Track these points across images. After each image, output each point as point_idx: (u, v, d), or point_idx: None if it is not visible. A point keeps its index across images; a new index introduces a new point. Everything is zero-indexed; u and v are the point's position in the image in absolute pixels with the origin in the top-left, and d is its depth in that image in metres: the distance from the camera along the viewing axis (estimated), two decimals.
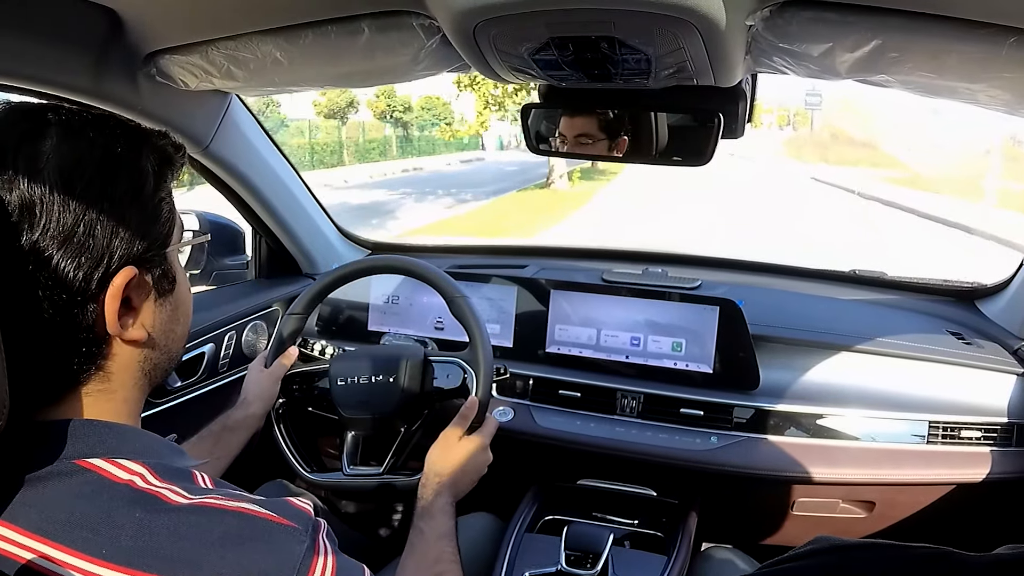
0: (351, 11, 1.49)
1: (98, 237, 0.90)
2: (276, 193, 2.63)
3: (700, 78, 1.55)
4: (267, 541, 0.87)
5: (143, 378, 1.03)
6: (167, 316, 1.05)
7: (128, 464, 0.89)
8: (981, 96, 1.45)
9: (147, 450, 0.95)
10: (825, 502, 2.30)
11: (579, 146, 2.00)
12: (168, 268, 1.04)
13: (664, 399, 2.34)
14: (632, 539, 2.22)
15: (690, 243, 14.90)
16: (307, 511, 0.94)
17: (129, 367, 1.00)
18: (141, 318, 0.99)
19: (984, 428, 2.15)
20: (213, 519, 0.86)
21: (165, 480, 0.90)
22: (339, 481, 2.01)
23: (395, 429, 2.00)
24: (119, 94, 1.79)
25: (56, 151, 0.89)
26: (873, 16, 1.24)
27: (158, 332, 1.03)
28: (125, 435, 0.95)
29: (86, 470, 0.87)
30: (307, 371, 2.11)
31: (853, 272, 2.88)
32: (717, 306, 2.34)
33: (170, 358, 1.10)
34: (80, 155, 0.91)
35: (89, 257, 0.89)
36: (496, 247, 3.51)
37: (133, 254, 0.94)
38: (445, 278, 2.00)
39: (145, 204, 0.97)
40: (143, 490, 0.87)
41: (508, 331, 2.59)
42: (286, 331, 2.10)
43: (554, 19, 1.29)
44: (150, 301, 1.00)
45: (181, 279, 1.09)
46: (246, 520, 0.88)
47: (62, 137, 0.90)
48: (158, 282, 1.01)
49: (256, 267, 2.95)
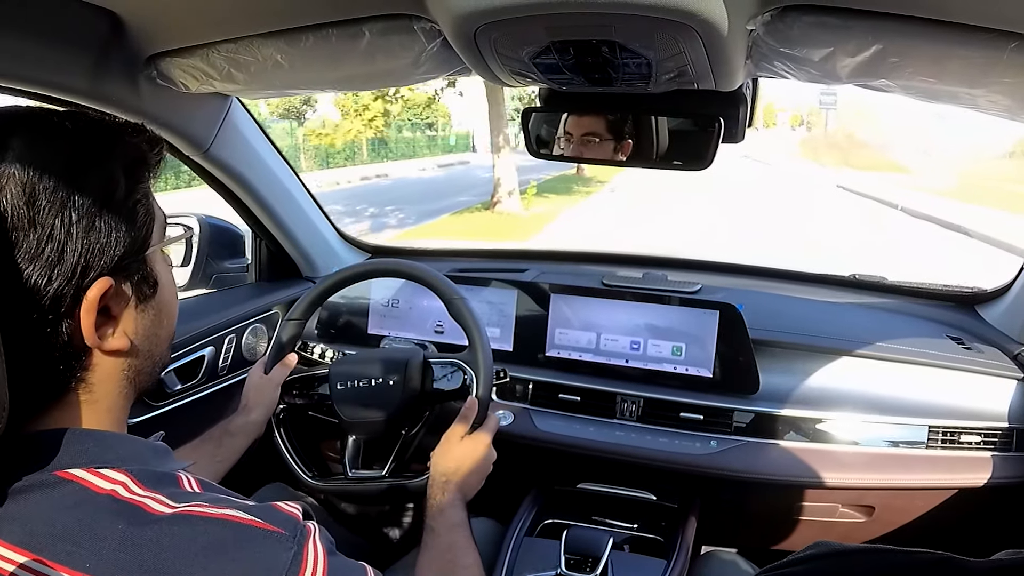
0: (352, 14, 1.49)
1: (68, 252, 0.88)
2: (276, 196, 2.63)
3: (701, 82, 1.55)
4: (251, 549, 0.86)
5: (127, 385, 1.02)
6: (150, 321, 1.04)
7: (110, 473, 0.89)
8: (981, 101, 1.46)
9: (130, 456, 0.94)
10: (825, 506, 2.30)
11: (585, 146, 2.00)
12: (148, 272, 1.02)
13: (664, 403, 2.34)
14: (631, 543, 2.21)
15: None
16: (295, 515, 0.94)
17: (113, 376, 0.99)
18: (123, 327, 0.98)
19: (984, 433, 2.15)
20: (196, 528, 0.85)
21: (148, 488, 0.89)
22: (344, 485, 2.01)
23: (396, 431, 2.01)
24: (119, 96, 1.79)
25: (19, 163, 0.87)
26: (874, 21, 1.24)
27: (141, 339, 1.02)
28: (107, 441, 0.94)
29: (68, 481, 0.87)
30: (307, 376, 2.11)
31: (853, 277, 2.88)
32: (717, 310, 2.34)
33: (154, 363, 1.08)
34: (43, 168, 0.88)
35: (60, 272, 0.88)
36: (496, 251, 3.52)
37: (108, 264, 0.93)
38: (443, 280, 2.01)
39: (117, 210, 0.95)
40: (126, 500, 0.86)
41: (508, 335, 2.59)
42: (285, 336, 2.10)
43: (554, 23, 1.29)
44: (130, 308, 0.99)
45: (164, 280, 1.08)
46: (230, 528, 0.87)
47: (25, 148, 0.88)
48: (138, 288, 1.00)
49: (256, 270, 2.95)
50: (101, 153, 0.95)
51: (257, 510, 0.91)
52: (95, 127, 0.98)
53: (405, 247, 3.60)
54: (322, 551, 0.93)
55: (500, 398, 2.48)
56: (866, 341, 2.35)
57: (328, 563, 0.93)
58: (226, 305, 2.62)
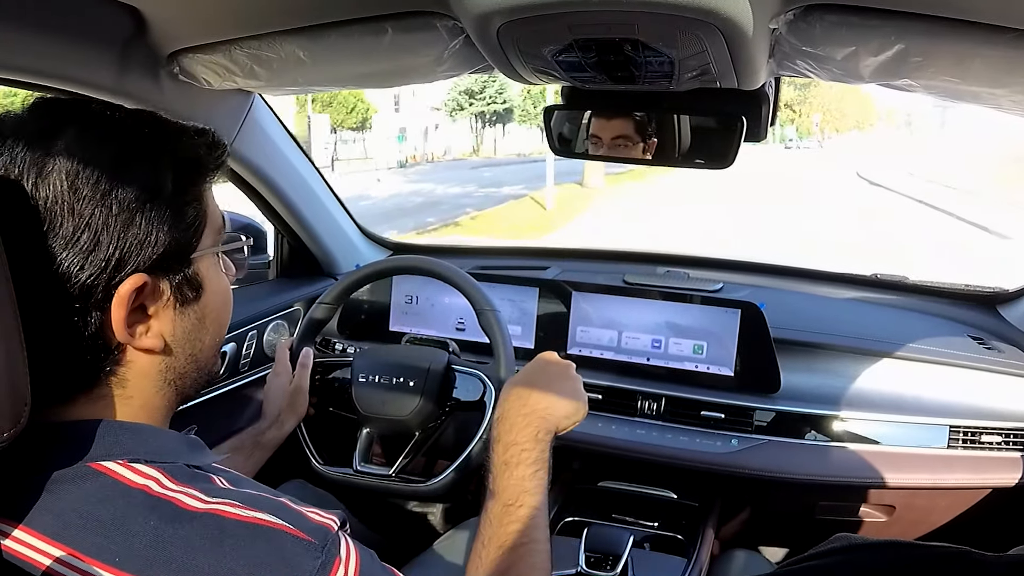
0: (375, 12, 1.49)
1: (104, 243, 0.88)
2: (298, 193, 2.64)
3: (723, 81, 1.55)
4: (278, 553, 0.86)
5: (166, 387, 1.01)
6: (191, 325, 1.02)
7: (143, 468, 0.89)
8: (1004, 101, 1.45)
9: (164, 450, 0.95)
10: (845, 505, 2.30)
11: (616, 149, 1.99)
12: (194, 275, 1.01)
13: (685, 401, 2.33)
14: (652, 541, 2.21)
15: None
16: (328, 526, 0.92)
17: (149, 374, 0.98)
18: (159, 327, 0.97)
19: (1006, 433, 2.14)
20: (226, 530, 0.85)
21: (181, 483, 0.89)
22: (348, 478, 2.02)
23: (410, 432, 2.01)
24: (142, 92, 1.80)
25: (66, 152, 0.88)
26: (897, 20, 1.24)
27: (179, 341, 1.01)
28: (141, 434, 0.95)
29: (101, 474, 0.87)
30: (330, 362, 2.14)
31: (875, 276, 2.87)
32: (739, 309, 2.33)
33: (199, 368, 1.07)
34: (90, 158, 0.89)
35: (94, 262, 0.88)
36: (518, 249, 3.53)
37: (145, 261, 0.92)
38: (477, 288, 2.00)
39: (162, 208, 0.94)
40: (158, 496, 0.86)
41: (530, 332, 2.60)
42: (317, 315, 2.14)
43: (577, 21, 1.29)
44: (168, 309, 0.98)
45: (214, 287, 1.06)
46: (260, 532, 0.87)
47: (75, 137, 0.90)
48: (178, 289, 0.99)
49: (277, 266, 2.96)
50: (151, 150, 0.96)
51: (289, 515, 0.90)
52: (151, 125, 0.99)
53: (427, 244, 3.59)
54: (354, 565, 0.92)
55: None
56: (887, 340, 2.35)
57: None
58: (248, 301, 2.62)
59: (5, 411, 0.78)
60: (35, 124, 0.91)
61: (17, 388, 0.80)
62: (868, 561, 0.95)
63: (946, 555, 0.89)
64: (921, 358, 2.28)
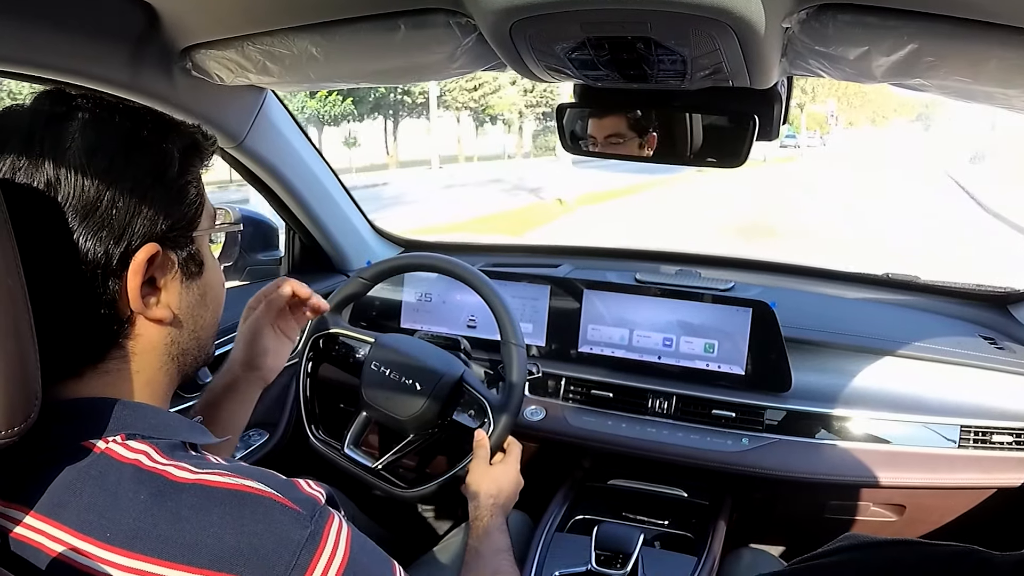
0: (388, 8, 1.49)
1: (119, 212, 0.93)
2: (310, 189, 2.65)
3: (736, 80, 1.55)
4: (266, 521, 0.86)
5: (170, 362, 1.05)
6: (194, 300, 1.08)
7: (135, 444, 0.90)
8: (1016, 102, 1.45)
9: (161, 426, 0.97)
10: (855, 505, 2.30)
11: (610, 147, 2.00)
12: (196, 252, 1.06)
13: (696, 400, 2.34)
14: (662, 540, 2.21)
15: None
16: (316, 498, 0.93)
17: (155, 348, 1.02)
18: (167, 298, 1.01)
19: (1016, 433, 2.13)
20: (213, 498, 0.86)
21: (170, 457, 0.91)
22: (334, 456, 2.07)
23: (404, 433, 2.03)
24: (155, 88, 1.81)
25: (81, 131, 0.93)
26: (910, 20, 1.23)
27: (184, 314, 1.06)
28: (140, 410, 0.96)
29: (95, 452, 0.88)
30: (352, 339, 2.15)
31: (886, 276, 2.86)
32: (750, 308, 2.33)
33: (200, 345, 1.11)
34: (104, 135, 0.94)
35: (110, 232, 0.92)
36: (530, 247, 3.52)
37: (156, 232, 0.97)
38: (513, 321, 2.00)
39: (169, 185, 1.00)
40: (148, 469, 0.88)
41: (541, 330, 2.60)
42: (353, 289, 2.19)
43: (590, 19, 1.29)
44: (175, 281, 1.03)
45: (211, 265, 1.12)
46: (247, 498, 0.88)
47: (88, 119, 0.95)
48: (184, 264, 1.04)
49: (289, 263, 2.97)
50: (159, 132, 1.02)
51: (277, 484, 0.91)
52: (155, 114, 1.04)
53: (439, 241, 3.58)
54: (344, 540, 0.92)
55: (532, 393, 2.49)
56: (898, 340, 2.35)
57: (349, 555, 0.92)
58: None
59: (17, 406, 0.79)
60: (50, 108, 0.95)
61: (28, 383, 0.81)
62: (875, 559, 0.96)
63: (953, 554, 0.89)
64: (932, 358, 2.29)
